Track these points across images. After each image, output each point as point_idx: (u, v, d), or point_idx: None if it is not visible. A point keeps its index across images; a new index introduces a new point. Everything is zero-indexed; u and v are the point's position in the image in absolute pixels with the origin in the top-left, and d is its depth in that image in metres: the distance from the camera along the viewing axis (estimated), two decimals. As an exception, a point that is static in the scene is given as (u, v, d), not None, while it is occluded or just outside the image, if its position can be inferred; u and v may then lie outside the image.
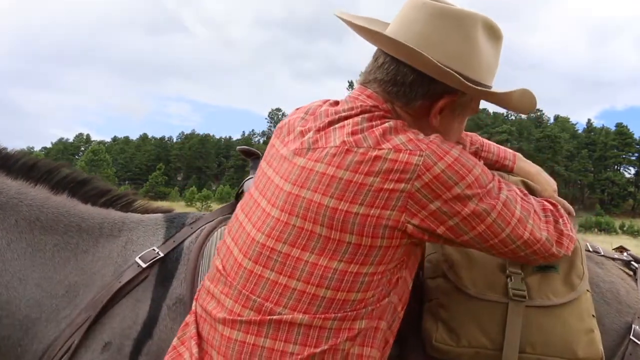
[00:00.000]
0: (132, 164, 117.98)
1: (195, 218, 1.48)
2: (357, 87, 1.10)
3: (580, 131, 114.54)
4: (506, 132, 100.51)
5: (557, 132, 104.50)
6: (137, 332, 1.23)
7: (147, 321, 1.24)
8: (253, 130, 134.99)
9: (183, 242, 1.38)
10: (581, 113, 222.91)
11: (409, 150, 0.92)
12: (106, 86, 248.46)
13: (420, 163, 0.91)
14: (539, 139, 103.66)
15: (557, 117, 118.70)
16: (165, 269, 1.33)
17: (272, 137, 1.15)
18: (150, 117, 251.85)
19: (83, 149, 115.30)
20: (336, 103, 1.11)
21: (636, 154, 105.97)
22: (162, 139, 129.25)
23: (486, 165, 1.29)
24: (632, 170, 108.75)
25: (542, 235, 1.01)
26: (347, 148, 0.93)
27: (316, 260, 0.91)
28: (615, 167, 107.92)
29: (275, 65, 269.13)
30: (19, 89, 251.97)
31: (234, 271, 1.00)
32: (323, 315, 0.91)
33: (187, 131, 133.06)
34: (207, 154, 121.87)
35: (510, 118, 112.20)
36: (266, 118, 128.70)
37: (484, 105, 1.11)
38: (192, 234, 1.40)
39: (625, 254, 1.49)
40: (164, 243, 1.38)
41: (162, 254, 1.34)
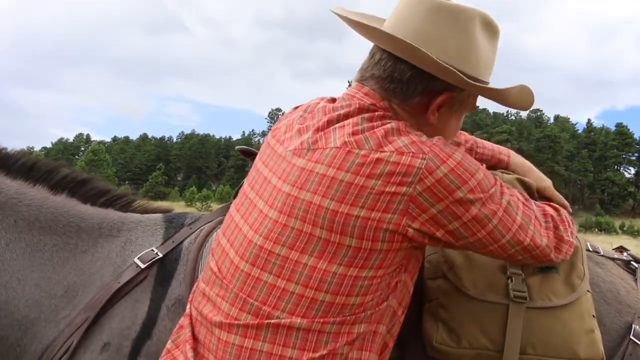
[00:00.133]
0: (132, 164, 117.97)
1: (194, 218, 1.47)
2: (353, 84, 1.08)
3: (580, 131, 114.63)
4: (506, 132, 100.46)
5: (557, 132, 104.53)
6: (136, 333, 1.22)
7: (146, 321, 1.24)
8: (253, 130, 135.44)
9: (182, 242, 1.37)
10: (581, 113, 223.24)
11: (411, 153, 0.90)
12: (106, 86, 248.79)
13: (422, 166, 0.89)
14: (539, 139, 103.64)
15: (557, 117, 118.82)
16: (164, 269, 1.32)
17: (267, 136, 1.14)
18: (150, 117, 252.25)
19: (83, 149, 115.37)
20: (333, 100, 1.09)
21: (636, 154, 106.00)
22: (162, 139, 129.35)
23: (482, 161, 1.27)
24: (632, 170, 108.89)
25: (542, 241, 1.00)
26: (348, 149, 0.92)
27: (315, 263, 0.90)
28: (615, 167, 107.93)
29: (275, 65, 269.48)
30: (19, 89, 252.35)
31: (230, 273, 0.98)
32: (322, 320, 0.90)
33: (187, 131, 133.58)
34: (207, 154, 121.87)
35: (510, 118, 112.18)
36: (266, 118, 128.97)
37: (484, 105, 1.25)
38: (191, 234, 1.39)
39: (625, 253, 1.49)
40: (163, 243, 1.37)
41: (161, 255, 1.33)
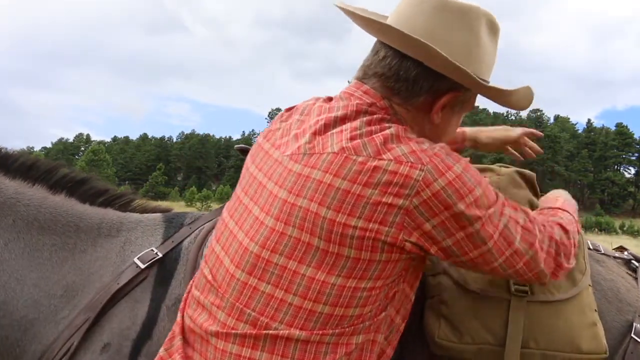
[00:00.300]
0: (132, 164, 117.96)
1: (194, 218, 1.47)
2: (352, 82, 1.05)
3: (580, 131, 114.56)
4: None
5: (557, 132, 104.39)
6: (136, 333, 1.22)
7: (146, 322, 1.23)
8: (253, 130, 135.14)
9: (182, 242, 1.37)
10: (581, 113, 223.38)
11: (410, 163, 0.87)
12: (106, 86, 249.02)
13: (420, 178, 0.86)
14: (539, 139, 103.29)
15: (557, 117, 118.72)
16: (164, 269, 1.32)
17: (259, 138, 1.11)
18: (150, 117, 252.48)
19: (83, 149, 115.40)
20: (329, 99, 1.06)
21: (636, 154, 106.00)
22: (162, 139, 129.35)
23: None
24: (632, 170, 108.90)
25: (539, 267, 0.97)
26: (345, 155, 0.89)
27: (313, 274, 0.88)
28: (615, 167, 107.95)
29: (275, 65, 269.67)
30: (19, 89, 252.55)
31: (225, 282, 0.96)
32: (321, 332, 0.89)
33: (187, 131, 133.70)
34: (207, 154, 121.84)
35: (510, 118, 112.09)
36: (266, 118, 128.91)
37: (484, 105, 1.24)
38: (190, 234, 1.39)
39: (625, 252, 1.49)
40: (162, 243, 1.37)
41: (160, 255, 1.33)
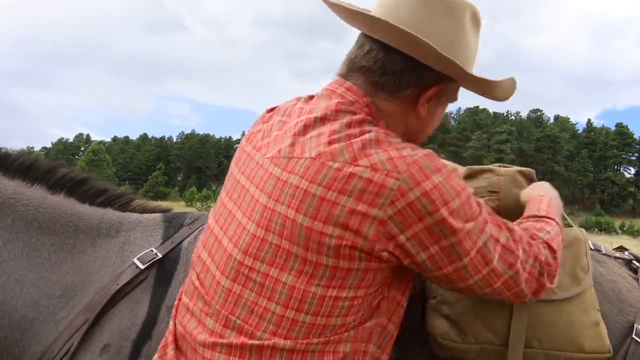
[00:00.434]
0: (132, 164, 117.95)
1: (193, 218, 1.47)
2: (335, 78, 1.02)
3: (580, 131, 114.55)
4: (506, 132, 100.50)
5: (557, 132, 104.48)
6: (136, 333, 1.22)
7: (146, 322, 1.23)
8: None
9: (182, 242, 1.36)
10: (581, 113, 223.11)
11: (385, 171, 0.84)
12: (106, 86, 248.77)
13: (395, 188, 0.83)
14: (539, 139, 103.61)
15: (557, 117, 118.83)
16: (164, 269, 1.32)
17: (242, 141, 1.09)
18: (150, 117, 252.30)
19: (83, 149, 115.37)
20: (310, 98, 1.04)
21: (636, 154, 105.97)
22: (162, 139, 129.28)
23: None
24: (632, 170, 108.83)
25: (518, 287, 0.94)
26: (322, 161, 0.87)
27: (294, 282, 0.87)
28: (615, 167, 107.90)
29: (275, 65, 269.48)
30: (19, 89, 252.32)
31: (212, 289, 0.95)
32: (305, 341, 0.88)
33: (187, 131, 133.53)
34: (207, 154, 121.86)
35: (510, 118, 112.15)
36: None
37: (484, 105, 1.27)
38: (190, 234, 1.38)
39: (626, 253, 1.48)
40: (162, 244, 1.36)
41: (160, 255, 1.33)
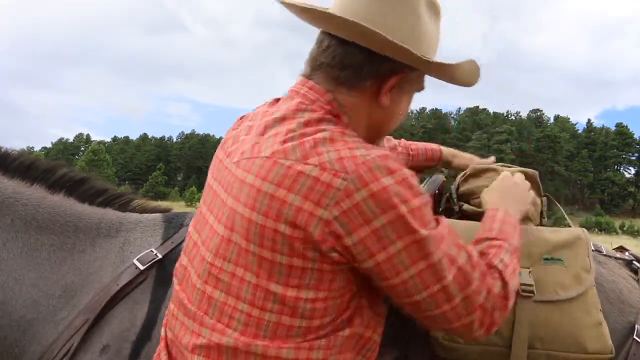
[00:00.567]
0: (132, 164, 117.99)
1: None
2: (299, 79, 1.02)
3: (580, 131, 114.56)
4: (506, 132, 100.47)
5: (557, 132, 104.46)
6: (135, 335, 1.22)
7: (146, 323, 1.23)
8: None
9: (182, 242, 1.34)
10: (581, 113, 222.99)
11: (333, 171, 0.82)
12: (106, 86, 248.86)
13: (342, 188, 0.81)
14: (539, 139, 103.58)
15: (557, 117, 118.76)
16: (163, 270, 1.31)
17: (217, 150, 1.10)
18: (150, 117, 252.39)
19: (83, 149, 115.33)
20: (277, 101, 1.05)
21: (636, 154, 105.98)
22: (162, 139, 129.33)
23: (418, 156, 1.28)
24: (632, 170, 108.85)
25: (469, 317, 0.89)
26: (274, 160, 0.87)
27: (256, 281, 0.87)
28: (615, 167, 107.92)
29: (275, 65, 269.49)
30: (19, 89, 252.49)
31: (190, 292, 0.97)
32: (277, 345, 0.86)
33: (187, 131, 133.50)
34: (207, 154, 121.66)
35: (510, 118, 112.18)
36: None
37: (484, 105, 1.23)
38: None
39: (627, 253, 1.47)
40: (162, 244, 1.36)
41: (160, 256, 1.32)
